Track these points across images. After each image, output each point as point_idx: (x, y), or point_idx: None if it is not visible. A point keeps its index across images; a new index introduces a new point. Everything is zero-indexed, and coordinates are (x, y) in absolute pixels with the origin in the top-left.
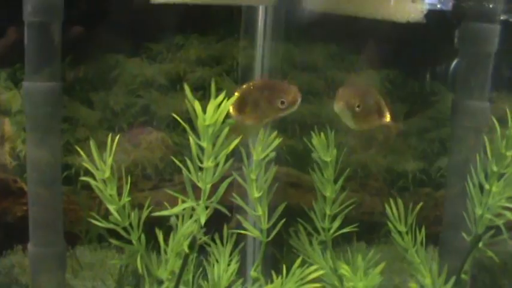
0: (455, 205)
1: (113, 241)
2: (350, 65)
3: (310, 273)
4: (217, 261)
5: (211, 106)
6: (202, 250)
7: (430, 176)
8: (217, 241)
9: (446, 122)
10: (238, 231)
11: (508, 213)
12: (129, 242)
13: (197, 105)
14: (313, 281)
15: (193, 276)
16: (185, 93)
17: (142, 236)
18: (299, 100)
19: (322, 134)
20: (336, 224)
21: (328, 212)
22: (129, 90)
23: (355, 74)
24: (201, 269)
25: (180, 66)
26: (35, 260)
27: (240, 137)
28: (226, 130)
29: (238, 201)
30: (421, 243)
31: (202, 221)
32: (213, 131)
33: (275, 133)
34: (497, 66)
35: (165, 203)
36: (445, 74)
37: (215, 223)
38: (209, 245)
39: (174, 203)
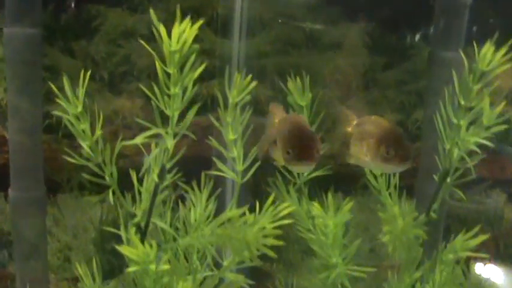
0: (431, 156)
1: (85, 175)
2: (328, 17)
3: (282, 210)
4: (193, 205)
5: (176, 30)
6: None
7: (407, 128)
8: (196, 188)
9: (423, 75)
10: (215, 172)
11: (474, 147)
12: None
13: (162, 30)
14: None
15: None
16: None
17: (115, 172)
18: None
19: (297, 78)
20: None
21: None
22: (110, 40)
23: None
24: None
25: (161, 17)
26: (15, 205)
27: None
28: (193, 56)
29: (214, 143)
30: (395, 187)
31: (170, 147)
32: (180, 56)
33: (250, 76)
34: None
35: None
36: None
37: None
38: (187, 192)
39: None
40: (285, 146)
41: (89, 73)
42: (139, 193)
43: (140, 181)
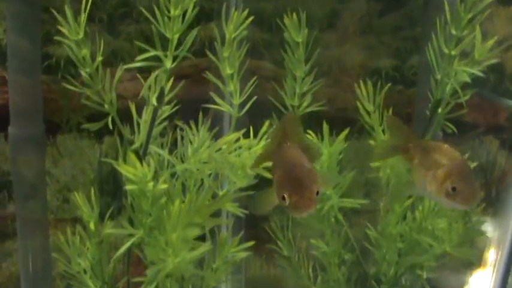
0: (426, 102)
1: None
2: None
3: None
4: (191, 141)
5: None
6: None
7: (403, 73)
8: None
9: (419, 20)
10: (211, 106)
11: (465, 76)
12: (101, 105)
13: None
14: None
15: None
16: None
17: (115, 99)
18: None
19: (294, 15)
20: (306, 102)
21: (298, 90)
22: None
23: None
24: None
25: None
26: (14, 142)
27: None
28: None
29: (211, 78)
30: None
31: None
32: None
33: (247, 10)
34: None
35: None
36: None
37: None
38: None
39: None
40: (280, 189)
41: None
42: (138, 125)
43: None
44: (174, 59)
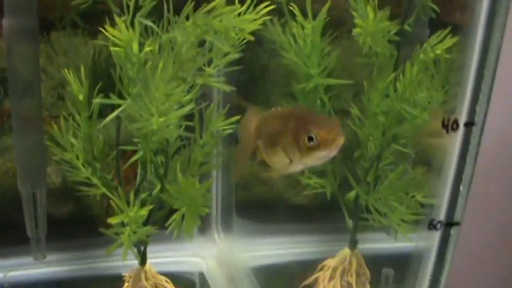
0: None
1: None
2: None
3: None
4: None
5: None
6: None
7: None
8: None
9: None
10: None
11: None
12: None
13: None
14: None
15: None
16: None
17: None
18: (339, 141)
19: None
20: None
21: None
22: None
23: None
24: None
25: None
26: (9, 34)
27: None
28: None
29: None
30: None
31: None
32: None
33: None
34: None
35: None
36: None
37: None
38: None
39: None
40: (303, 133)
41: None
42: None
43: None
44: None
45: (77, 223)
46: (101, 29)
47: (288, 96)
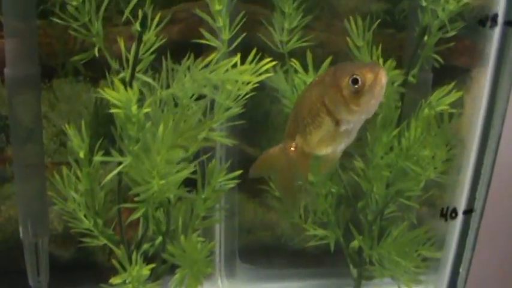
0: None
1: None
2: None
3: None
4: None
5: None
6: None
7: (394, 17)
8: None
9: None
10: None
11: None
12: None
13: None
14: None
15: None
16: None
17: (101, 28)
18: (383, 80)
19: None
20: (294, 38)
21: (286, 26)
22: None
23: None
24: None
25: None
26: (11, 84)
27: None
28: None
29: (202, 14)
30: (377, 57)
31: None
32: None
33: None
34: None
35: None
36: None
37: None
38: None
39: None
40: (345, 76)
41: None
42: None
43: None
44: None
45: (80, 269)
46: (99, 90)
47: None
